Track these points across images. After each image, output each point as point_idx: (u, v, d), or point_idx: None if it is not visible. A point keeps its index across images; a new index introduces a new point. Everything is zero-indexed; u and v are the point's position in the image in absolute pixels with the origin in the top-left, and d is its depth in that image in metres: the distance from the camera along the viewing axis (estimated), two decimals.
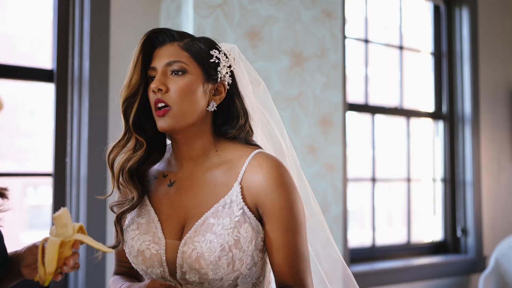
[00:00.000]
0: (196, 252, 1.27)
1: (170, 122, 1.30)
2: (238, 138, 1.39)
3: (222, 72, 1.37)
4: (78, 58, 2.63)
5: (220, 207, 1.30)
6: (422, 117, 4.09)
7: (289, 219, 1.29)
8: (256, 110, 1.46)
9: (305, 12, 3.04)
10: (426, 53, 4.17)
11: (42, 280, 1.16)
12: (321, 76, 3.08)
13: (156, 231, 1.33)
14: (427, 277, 3.76)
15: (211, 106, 1.35)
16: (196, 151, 1.36)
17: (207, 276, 1.27)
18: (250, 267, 1.30)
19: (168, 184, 1.38)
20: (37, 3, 2.87)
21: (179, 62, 1.32)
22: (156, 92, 1.31)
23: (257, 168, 1.31)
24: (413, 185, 4.06)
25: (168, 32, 1.36)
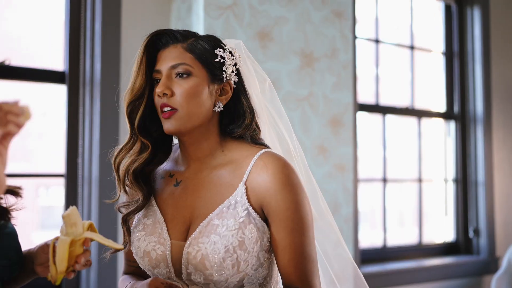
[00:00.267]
0: (200, 254, 1.26)
1: (176, 124, 1.30)
2: (245, 137, 1.37)
3: (227, 71, 1.35)
4: (90, 60, 2.65)
5: (225, 208, 1.29)
6: (433, 117, 4.07)
7: (294, 220, 1.27)
8: (263, 108, 1.44)
9: (315, 13, 3.04)
10: (438, 53, 4.15)
11: (53, 279, 1.17)
12: (332, 76, 3.08)
13: (161, 232, 1.32)
14: (438, 278, 3.74)
15: (218, 106, 1.34)
16: (203, 151, 1.36)
17: (212, 277, 1.26)
18: (256, 268, 1.29)
19: (174, 184, 1.37)
20: (49, 6, 2.89)
21: (184, 64, 1.30)
22: (161, 97, 1.30)
23: (263, 168, 1.29)
24: (424, 185, 4.04)
25: (171, 33, 1.34)
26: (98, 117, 2.60)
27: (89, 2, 2.67)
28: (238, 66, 1.38)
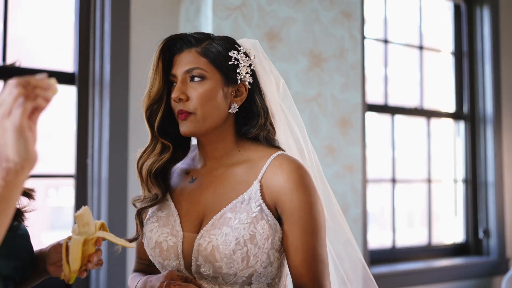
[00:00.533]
0: (211, 245, 1.28)
1: (192, 126, 1.32)
2: (260, 138, 1.39)
3: (241, 73, 1.36)
4: (99, 61, 2.66)
5: (239, 203, 1.31)
6: (442, 117, 4.05)
7: (308, 221, 1.29)
8: (278, 108, 1.45)
9: (324, 13, 3.03)
10: (447, 53, 4.13)
11: (67, 278, 1.18)
12: (340, 76, 3.07)
13: (174, 224, 1.35)
14: (448, 279, 3.72)
15: (233, 108, 1.36)
16: (219, 151, 1.38)
17: (221, 269, 1.27)
18: (265, 266, 1.30)
19: (190, 181, 1.40)
20: (59, 7, 2.91)
21: (197, 69, 1.32)
22: (177, 102, 1.32)
23: (278, 169, 1.31)
24: (434, 186, 4.03)
25: (185, 38, 1.36)
26: (107, 118, 2.62)
27: (98, 3, 2.68)
28: (253, 67, 1.39)
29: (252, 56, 1.40)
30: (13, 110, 0.78)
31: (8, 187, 0.78)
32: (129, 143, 2.66)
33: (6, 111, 0.79)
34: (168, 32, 2.80)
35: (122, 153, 2.63)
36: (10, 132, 0.78)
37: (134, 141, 2.68)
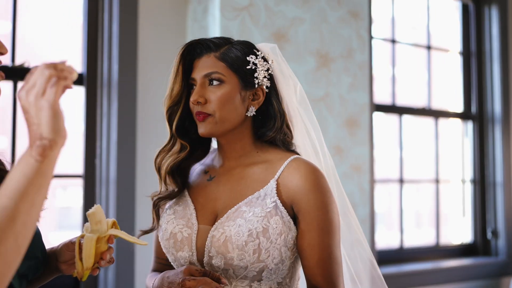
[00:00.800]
0: (224, 236, 1.31)
1: (209, 128, 1.37)
2: (277, 141, 1.43)
3: (259, 77, 1.41)
4: (107, 62, 2.68)
5: (254, 198, 1.35)
6: (450, 117, 4.04)
7: (324, 221, 1.32)
8: (295, 111, 1.49)
9: (331, 13, 3.03)
10: (455, 53, 4.12)
11: (80, 275, 1.20)
12: (348, 77, 3.07)
13: (190, 217, 1.39)
14: (456, 280, 3.71)
15: (250, 111, 1.40)
16: (237, 151, 1.43)
17: (233, 261, 1.30)
18: (276, 262, 1.32)
19: (208, 179, 1.45)
20: (67, 9, 2.92)
21: (216, 73, 1.37)
22: (196, 104, 1.37)
23: (295, 170, 1.35)
24: (441, 186, 4.01)
25: (205, 43, 1.41)
26: (115, 118, 2.63)
27: (106, 4, 2.69)
28: (271, 71, 1.44)
29: (270, 60, 1.44)
30: (47, 90, 0.85)
31: (46, 163, 0.84)
32: (137, 143, 2.67)
33: (40, 91, 0.85)
34: (175, 32, 2.81)
35: (130, 153, 2.64)
36: (46, 110, 0.84)
37: (142, 141, 2.69)
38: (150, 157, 2.67)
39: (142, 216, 2.63)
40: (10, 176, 0.83)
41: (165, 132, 2.82)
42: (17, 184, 0.82)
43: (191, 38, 2.81)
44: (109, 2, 2.69)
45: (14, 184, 0.82)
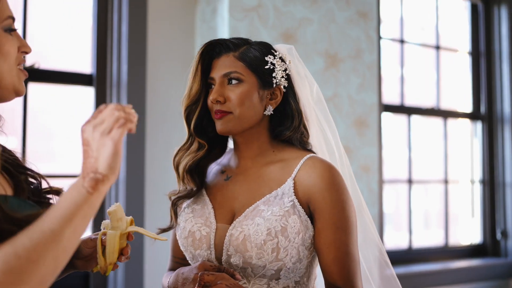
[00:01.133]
0: (243, 234, 1.32)
1: (227, 125, 1.39)
2: (294, 140, 1.44)
3: (277, 77, 1.42)
4: (117, 62, 2.69)
5: (272, 197, 1.36)
6: (459, 117, 4.03)
7: (340, 218, 1.33)
8: (312, 111, 1.51)
9: (340, 14, 3.03)
10: (464, 53, 4.10)
11: (103, 270, 1.24)
12: (356, 77, 3.07)
13: (209, 216, 1.41)
14: (465, 281, 3.69)
15: (268, 110, 1.42)
16: (254, 150, 1.44)
17: (251, 260, 1.31)
18: (294, 261, 1.33)
19: (225, 178, 1.46)
20: (77, 10, 2.94)
21: (235, 72, 1.39)
22: (214, 103, 1.39)
23: (311, 168, 1.36)
24: (450, 186, 4.00)
25: (224, 43, 1.43)
26: None
27: (115, 5, 2.71)
28: (288, 71, 1.46)
29: (288, 60, 1.46)
30: (114, 129, 0.91)
31: (96, 195, 0.90)
32: (146, 143, 2.69)
33: (107, 129, 0.91)
34: (184, 33, 2.82)
35: (139, 153, 2.66)
36: (109, 148, 0.90)
37: (151, 140, 2.70)
38: (159, 156, 2.69)
39: (152, 215, 2.64)
40: (61, 201, 0.88)
41: (174, 131, 2.84)
42: (66, 211, 0.87)
43: (200, 38, 2.82)
44: (118, 3, 2.71)
45: (63, 210, 0.87)
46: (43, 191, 1.08)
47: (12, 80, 1.00)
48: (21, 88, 1.04)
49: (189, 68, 1.45)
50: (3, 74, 0.98)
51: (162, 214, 2.55)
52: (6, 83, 0.99)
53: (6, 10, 0.99)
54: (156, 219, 2.57)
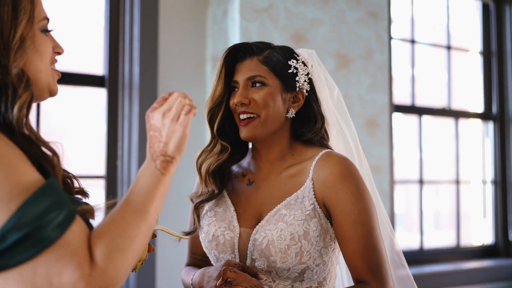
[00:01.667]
0: (267, 239, 1.34)
1: (253, 131, 1.40)
2: (313, 141, 1.46)
3: (300, 81, 1.45)
4: (129, 64, 2.71)
5: (293, 200, 1.37)
6: (471, 118, 4.01)
7: (355, 211, 1.32)
8: (332, 115, 1.52)
9: (350, 14, 3.03)
10: (475, 53, 4.08)
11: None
12: (367, 77, 3.07)
13: (232, 220, 1.42)
14: (477, 282, 3.68)
15: (290, 113, 1.44)
16: (274, 155, 1.45)
17: (275, 264, 1.33)
18: (317, 264, 1.34)
19: (247, 184, 1.48)
20: (89, 12, 2.97)
21: (259, 76, 1.41)
22: (239, 106, 1.41)
23: (324, 163, 1.38)
24: (462, 187, 3.98)
25: (249, 47, 1.45)
26: (137, 120, 2.66)
27: (127, 7, 2.73)
28: (310, 75, 1.47)
29: (310, 65, 1.48)
30: (181, 116, 0.99)
31: (167, 176, 0.97)
32: None
33: (175, 116, 0.99)
34: (195, 35, 2.83)
35: None
36: (178, 133, 0.98)
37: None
38: None
39: (163, 216, 2.66)
40: (139, 184, 0.96)
41: None
42: (148, 191, 0.95)
43: (211, 40, 2.83)
44: (130, 5, 2.72)
45: (145, 191, 0.94)
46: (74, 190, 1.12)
47: (47, 79, 1.02)
48: (55, 88, 1.07)
49: (199, 69, 1.47)
50: (40, 73, 1.00)
51: (173, 213, 2.56)
52: (43, 82, 1.01)
53: (41, 12, 1.02)
54: (168, 219, 2.58)
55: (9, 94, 0.90)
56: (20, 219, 0.82)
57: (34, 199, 0.83)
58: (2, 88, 0.90)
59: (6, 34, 0.92)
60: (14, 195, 0.83)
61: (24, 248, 0.82)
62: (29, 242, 0.82)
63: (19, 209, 0.82)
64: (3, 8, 0.92)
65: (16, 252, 0.82)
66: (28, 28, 0.96)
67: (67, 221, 0.85)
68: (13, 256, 0.82)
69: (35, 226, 0.82)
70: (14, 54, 0.92)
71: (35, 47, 0.98)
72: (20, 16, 0.94)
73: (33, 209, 0.83)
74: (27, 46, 0.95)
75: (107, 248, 0.87)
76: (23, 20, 0.94)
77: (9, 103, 0.90)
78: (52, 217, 0.83)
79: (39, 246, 0.82)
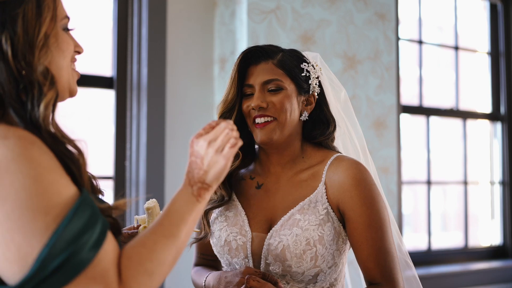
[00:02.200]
0: (282, 245, 1.34)
1: (270, 135, 1.39)
2: (323, 144, 1.47)
3: (312, 84, 1.45)
4: (137, 65, 2.72)
5: (306, 205, 1.37)
6: (479, 118, 4.00)
7: (370, 216, 1.34)
8: (338, 116, 1.53)
9: (358, 15, 3.03)
10: (483, 53, 4.07)
11: None
12: (375, 78, 3.06)
13: (243, 224, 1.42)
14: (485, 283, 3.66)
15: (304, 116, 1.44)
16: (285, 158, 1.45)
17: (290, 268, 1.33)
18: (330, 266, 1.36)
19: (256, 187, 1.47)
20: (97, 13, 2.98)
21: (276, 80, 1.40)
22: (256, 110, 1.39)
23: (337, 167, 1.38)
24: (470, 188, 3.97)
25: (263, 50, 1.44)
26: (145, 121, 2.67)
27: (135, 9, 2.74)
28: (320, 78, 1.48)
29: (318, 68, 1.48)
30: (226, 148, 1.02)
31: (202, 202, 1.00)
32: (166, 145, 2.71)
33: (220, 147, 1.02)
34: (203, 36, 2.84)
35: (159, 155, 2.68)
36: (220, 165, 1.01)
37: (171, 143, 2.73)
38: (178, 158, 2.72)
39: None
40: (174, 209, 0.98)
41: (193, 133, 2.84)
42: (182, 217, 0.97)
43: (219, 41, 2.84)
44: (138, 6, 2.74)
45: (178, 216, 0.97)
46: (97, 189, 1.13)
47: (68, 78, 1.02)
48: (75, 88, 1.06)
49: (207, 70, 1.46)
50: (62, 71, 0.99)
51: None
52: (63, 81, 1.00)
53: (63, 10, 1.01)
54: None
55: (34, 92, 0.90)
56: (54, 244, 0.81)
57: (68, 220, 0.83)
58: (28, 87, 0.90)
59: (31, 31, 0.91)
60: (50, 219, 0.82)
61: (62, 274, 0.81)
62: (66, 268, 0.81)
63: (54, 233, 0.82)
64: (27, 5, 0.92)
65: (55, 279, 0.81)
66: (52, 25, 0.95)
67: (100, 240, 0.85)
68: (53, 283, 0.81)
69: (71, 251, 0.82)
70: (39, 52, 0.92)
71: (58, 45, 0.98)
72: (44, 14, 0.94)
73: (67, 232, 0.82)
74: (51, 44, 0.95)
75: (136, 271, 0.88)
76: (47, 17, 0.94)
77: (35, 101, 0.90)
78: (86, 239, 0.83)
79: (75, 271, 0.82)
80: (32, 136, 0.87)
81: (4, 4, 0.90)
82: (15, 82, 0.89)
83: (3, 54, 0.89)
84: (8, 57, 0.89)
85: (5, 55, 0.89)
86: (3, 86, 0.89)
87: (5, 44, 0.89)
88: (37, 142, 0.87)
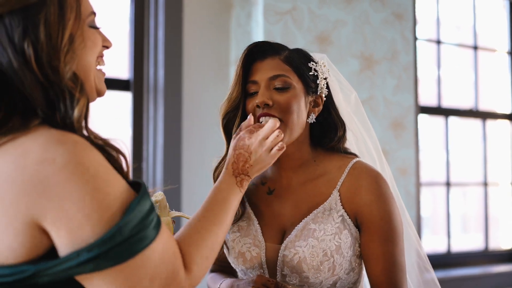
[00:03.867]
0: (298, 257, 1.29)
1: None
2: (336, 148, 1.40)
3: (320, 84, 1.38)
4: (153, 68, 2.73)
5: (320, 213, 1.32)
6: (499, 118, 3.94)
7: (388, 230, 1.30)
8: (348, 118, 1.46)
9: (375, 15, 3.01)
10: (502, 52, 4.01)
11: None
12: (392, 79, 3.04)
13: (256, 235, 1.36)
14: (506, 285, 3.61)
15: (311, 118, 1.37)
16: (295, 162, 1.38)
17: (308, 279, 1.29)
18: (348, 272, 1.32)
19: (268, 192, 1.41)
20: (114, 16, 3.00)
21: (283, 76, 1.32)
22: (262, 107, 1.30)
23: (356, 179, 1.33)
24: (490, 189, 3.91)
25: (269, 45, 1.36)
26: (161, 123, 2.68)
27: (152, 11, 2.75)
28: (328, 79, 1.41)
29: (326, 69, 1.41)
30: (274, 150, 1.19)
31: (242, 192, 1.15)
32: (183, 147, 2.72)
33: (269, 148, 1.19)
34: (219, 37, 2.84)
35: (175, 157, 2.69)
36: (266, 164, 1.19)
37: (188, 144, 2.73)
38: (195, 160, 2.72)
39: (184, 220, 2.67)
40: (220, 197, 1.10)
41: (210, 135, 2.84)
42: (228, 205, 1.10)
43: (235, 43, 2.84)
44: (154, 9, 2.75)
45: (225, 204, 1.09)
46: None
47: (94, 78, 0.98)
48: (103, 87, 1.03)
49: (223, 72, 1.42)
50: (90, 71, 0.97)
51: None
52: (91, 80, 0.97)
53: (88, 6, 0.98)
54: None
55: (66, 97, 0.88)
56: (129, 218, 0.85)
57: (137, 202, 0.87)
58: (59, 93, 0.87)
59: (55, 35, 0.88)
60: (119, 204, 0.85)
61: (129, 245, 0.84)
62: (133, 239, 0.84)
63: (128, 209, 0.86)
64: (49, 8, 0.88)
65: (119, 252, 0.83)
66: (76, 25, 0.92)
67: (159, 222, 0.90)
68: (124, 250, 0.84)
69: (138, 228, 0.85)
70: (65, 57, 0.88)
71: (85, 45, 0.94)
72: (67, 15, 0.90)
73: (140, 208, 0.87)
74: (77, 45, 0.92)
75: (196, 256, 0.98)
76: (70, 18, 0.90)
77: (68, 107, 0.88)
78: (151, 219, 0.88)
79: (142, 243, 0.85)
80: (82, 139, 0.87)
81: (25, 9, 0.87)
82: (43, 89, 0.87)
83: (26, 61, 0.86)
84: (32, 64, 0.86)
85: (28, 63, 0.86)
86: (31, 94, 0.87)
87: (28, 50, 0.86)
88: (88, 144, 0.87)
